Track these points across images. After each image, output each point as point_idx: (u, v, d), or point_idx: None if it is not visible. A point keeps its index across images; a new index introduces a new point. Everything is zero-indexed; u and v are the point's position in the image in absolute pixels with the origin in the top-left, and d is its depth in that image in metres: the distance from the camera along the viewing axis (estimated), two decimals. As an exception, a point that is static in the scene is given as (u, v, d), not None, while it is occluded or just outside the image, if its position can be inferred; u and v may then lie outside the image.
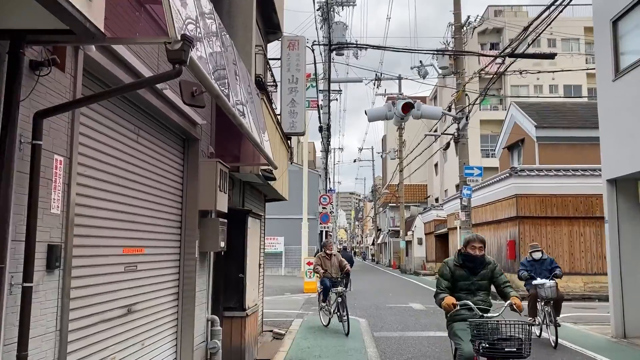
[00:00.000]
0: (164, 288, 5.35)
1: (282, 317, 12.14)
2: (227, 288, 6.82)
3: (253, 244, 7.50)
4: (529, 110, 21.74)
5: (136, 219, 4.65)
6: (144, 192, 4.85)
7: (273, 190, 9.11)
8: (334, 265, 10.83)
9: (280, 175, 8.79)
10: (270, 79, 10.67)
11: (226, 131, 6.83)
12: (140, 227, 4.74)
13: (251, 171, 6.83)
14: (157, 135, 5.19)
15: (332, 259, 10.89)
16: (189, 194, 5.94)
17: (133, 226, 4.58)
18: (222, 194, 6.21)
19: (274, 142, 7.97)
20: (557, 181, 17.67)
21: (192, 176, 5.97)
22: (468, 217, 17.91)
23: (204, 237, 6.09)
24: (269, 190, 9.24)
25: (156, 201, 5.19)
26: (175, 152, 5.77)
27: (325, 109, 21.69)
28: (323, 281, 10.75)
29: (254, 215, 7.47)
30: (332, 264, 10.84)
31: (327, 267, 10.80)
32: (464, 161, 18.12)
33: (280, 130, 8.82)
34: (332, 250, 11.01)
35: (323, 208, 21.40)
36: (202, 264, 6.24)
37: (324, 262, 10.89)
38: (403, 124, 37.05)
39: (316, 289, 20.89)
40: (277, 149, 8.49)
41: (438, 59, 18.38)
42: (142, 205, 4.80)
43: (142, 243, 4.79)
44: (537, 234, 17.72)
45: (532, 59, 13.35)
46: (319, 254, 11.20)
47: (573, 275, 17.47)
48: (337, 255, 11.09)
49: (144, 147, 4.84)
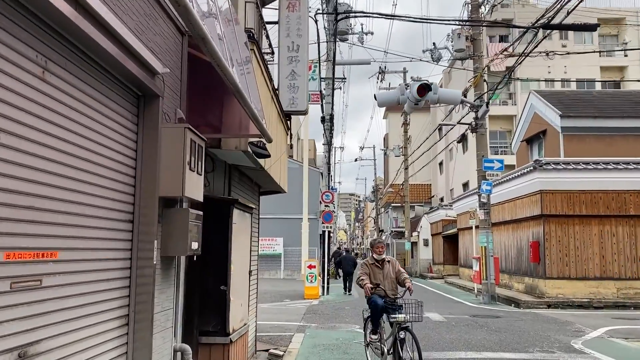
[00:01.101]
0: (98, 312, 3.57)
1: (280, 331, 10.35)
2: (204, 305, 5.04)
3: (241, 244, 5.72)
4: (551, 99, 19.97)
5: (44, 204, 2.89)
6: (65, 166, 3.10)
7: (268, 179, 7.32)
8: (388, 276, 7.01)
9: (277, 158, 7.01)
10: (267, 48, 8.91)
11: (203, 92, 5.06)
12: (52, 218, 2.98)
13: (237, 147, 5.05)
14: (91, 84, 3.44)
15: (385, 268, 7.08)
16: (145, 173, 4.16)
17: (37, 216, 2.82)
18: (195, 176, 4.44)
19: (269, 114, 6.19)
20: (586, 175, 15.89)
21: (149, 148, 4.19)
22: (487, 215, 16.20)
23: (167, 236, 4.32)
24: (264, 179, 7.46)
25: (88, 180, 3.43)
26: (124, 113, 3.99)
27: (327, 99, 19.90)
28: (373, 301, 6.89)
29: (242, 207, 5.68)
30: (385, 274, 7.02)
31: (379, 280, 7.01)
32: (483, 153, 16.36)
33: (277, 102, 7.03)
34: (383, 252, 7.13)
35: (325, 206, 19.62)
36: (166, 274, 4.46)
37: (374, 271, 7.09)
38: (409, 119, 35.36)
39: (317, 294, 19.25)
40: (274, 125, 6.72)
41: (454, 41, 16.64)
42: (61, 184, 3.05)
43: (54, 243, 3.02)
44: (564, 234, 15.95)
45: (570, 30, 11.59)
46: (365, 260, 7.43)
47: (604, 280, 15.71)
48: (392, 261, 7.23)
49: (67, 97, 3.08)
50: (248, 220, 6.10)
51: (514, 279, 18.42)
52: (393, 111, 59.13)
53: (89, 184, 3.49)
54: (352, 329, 10.73)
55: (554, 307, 15.00)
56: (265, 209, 28.84)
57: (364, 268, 7.08)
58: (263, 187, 8.51)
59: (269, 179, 7.29)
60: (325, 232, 19.80)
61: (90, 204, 3.51)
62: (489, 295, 15.95)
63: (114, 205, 3.84)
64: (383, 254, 7.10)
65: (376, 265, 7.07)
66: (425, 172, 47.05)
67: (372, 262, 7.12)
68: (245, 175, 7.06)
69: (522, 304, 15.32)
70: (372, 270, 7.05)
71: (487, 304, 15.63)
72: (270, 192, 9.13)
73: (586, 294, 15.60)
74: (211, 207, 5.11)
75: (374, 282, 6.91)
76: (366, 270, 7.06)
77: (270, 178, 7.12)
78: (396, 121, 54.65)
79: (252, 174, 6.79)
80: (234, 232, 5.29)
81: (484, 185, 15.79)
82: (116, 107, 3.90)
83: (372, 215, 74.50)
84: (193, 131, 4.37)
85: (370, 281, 6.89)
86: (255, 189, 8.25)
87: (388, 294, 6.85)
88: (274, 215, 28.47)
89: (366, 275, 6.97)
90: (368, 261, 7.19)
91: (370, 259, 7.21)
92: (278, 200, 28.18)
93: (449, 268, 30.68)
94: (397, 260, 7.48)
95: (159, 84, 4.23)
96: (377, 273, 7.01)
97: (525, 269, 17.39)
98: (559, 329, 10.93)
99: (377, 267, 7.06)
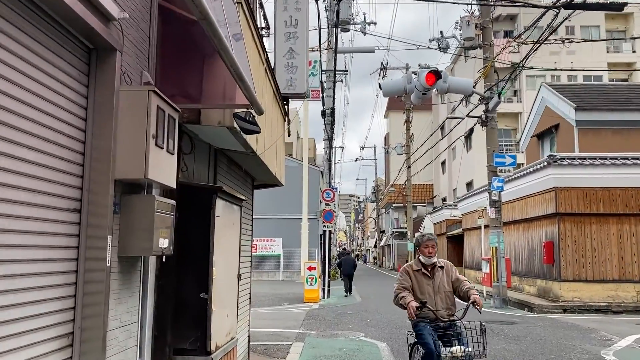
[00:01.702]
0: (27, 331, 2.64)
1: (277, 340, 9.39)
2: (179, 317, 4.08)
3: (227, 243, 4.76)
4: (564, 92, 19.01)
5: None
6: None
7: (262, 169, 6.36)
8: (441, 289, 4.88)
9: (272, 144, 6.05)
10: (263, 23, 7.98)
11: (179, 55, 4.10)
12: None
13: (220, 122, 4.10)
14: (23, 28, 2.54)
15: (436, 276, 4.93)
16: (96, 149, 3.22)
17: None
18: (164, 155, 3.49)
19: (262, 89, 5.25)
20: (603, 171, 14.93)
21: (102, 116, 3.25)
22: (498, 214, 15.25)
23: (127, 231, 3.37)
24: (256, 168, 6.49)
25: (18, 156, 2.53)
26: (68, 70, 3.05)
27: (328, 92, 18.93)
28: (419, 330, 4.77)
29: (228, 197, 4.73)
30: (437, 286, 4.88)
31: (428, 294, 4.83)
32: (494, 148, 15.41)
33: (272, 78, 6.08)
34: (434, 254, 4.96)
35: (326, 205, 18.65)
36: (127, 279, 3.51)
37: (419, 282, 4.91)
38: (411, 116, 34.41)
39: (318, 297, 18.18)
40: (269, 105, 5.77)
41: (462, 29, 15.71)
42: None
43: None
44: (580, 234, 14.99)
45: (594, 10, 10.64)
46: (406, 266, 5.15)
47: (624, 282, 14.74)
48: (447, 267, 5.03)
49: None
50: (236, 214, 5.15)
51: (525, 282, 17.46)
52: (394, 110, 58.19)
53: (19, 160, 2.57)
54: (356, 337, 9.78)
55: (570, 312, 14.05)
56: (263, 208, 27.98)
57: (404, 277, 4.88)
58: (257, 179, 7.55)
59: (263, 169, 6.33)
60: (325, 232, 18.82)
61: (21, 187, 2.59)
62: (500, 298, 14.98)
63: (54, 189, 2.90)
64: (434, 256, 4.90)
65: (423, 273, 4.87)
66: (427, 172, 46.14)
67: (417, 269, 4.90)
68: (235, 163, 6.10)
69: (535, 308, 14.36)
70: (417, 280, 4.84)
71: (499, 308, 14.66)
72: (265, 186, 8.17)
73: (604, 298, 14.64)
74: (189, 196, 4.16)
75: (420, 298, 4.71)
76: (407, 281, 4.85)
77: (264, 167, 6.16)
78: (397, 120, 53.73)
79: (243, 160, 5.82)
80: (218, 227, 4.34)
81: (494, 182, 14.84)
82: (58, 61, 2.96)
83: (372, 216, 73.56)
84: (161, 96, 3.42)
85: (414, 297, 4.73)
86: (248, 181, 7.29)
87: (440, 314, 4.68)
88: (272, 215, 27.57)
89: (407, 291, 4.78)
90: (411, 267, 4.97)
91: (415, 263, 5.00)
92: (277, 200, 27.32)
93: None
94: (451, 264, 5.10)
95: (115, 34, 3.28)
96: (424, 285, 4.83)
97: (538, 270, 16.42)
98: (583, 337, 9.98)
99: (424, 275, 4.86)
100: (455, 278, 4.94)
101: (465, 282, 4.91)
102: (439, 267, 4.95)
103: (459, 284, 4.88)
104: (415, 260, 5.07)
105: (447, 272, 4.95)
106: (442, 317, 4.71)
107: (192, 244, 4.23)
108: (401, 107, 41.80)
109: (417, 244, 5.06)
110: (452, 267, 5.09)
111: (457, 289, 4.89)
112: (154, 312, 3.97)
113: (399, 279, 4.96)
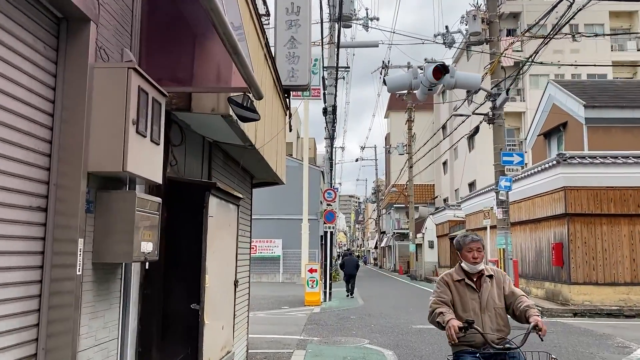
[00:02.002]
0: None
1: (278, 347, 8.89)
2: (166, 331, 3.59)
3: (222, 246, 4.27)
4: (572, 89, 18.53)
5: None
6: None
7: (261, 165, 5.87)
8: (490, 305, 3.68)
9: (272, 138, 5.56)
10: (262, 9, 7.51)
11: (167, 29, 3.61)
12: None
13: (214, 109, 3.62)
14: None
15: (483, 288, 3.72)
16: (66, 136, 2.73)
17: None
18: (147, 144, 3.00)
19: (262, 76, 4.76)
20: (614, 170, 14.44)
21: (73, 98, 2.76)
22: (506, 214, 14.71)
23: (103, 233, 2.88)
24: (255, 164, 6.00)
25: None
26: (34, 43, 2.57)
27: (329, 89, 18.43)
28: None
29: (224, 195, 4.24)
30: (485, 302, 3.68)
31: (473, 311, 3.65)
32: (501, 146, 14.92)
33: (272, 65, 5.59)
34: (481, 260, 3.73)
35: (328, 205, 18.15)
36: (103, 290, 3.02)
37: (461, 296, 3.72)
38: (413, 115, 33.94)
39: (319, 300, 17.62)
40: (269, 95, 5.28)
41: (468, 24, 15.21)
42: None
43: None
44: (591, 235, 14.50)
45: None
46: (446, 274, 3.89)
47: (636, 285, 14.26)
48: (498, 276, 3.83)
49: None
50: (233, 214, 4.66)
51: (532, 284, 16.96)
52: (395, 110, 57.68)
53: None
54: (361, 344, 9.28)
55: (581, 316, 13.55)
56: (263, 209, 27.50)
57: (442, 289, 3.72)
58: (256, 176, 7.06)
59: (262, 165, 5.83)
60: (327, 233, 18.33)
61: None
62: (507, 302, 14.47)
63: (12, 184, 2.42)
64: (481, 262, 3.72)
65: (467, 284, 3.70)
66: (428, 173, 45.70)
67: (459, 279, 3.72)
68: (232, 158, 5.61)
69: (544, 311, 13.85)
70: (459, 293, 3.69)
71: (507, 312, 14.15)
72: (264, 184, 7.68)
73: (615, 301, 14.14)
74: (178, 193, 3.68)
75: (462, 316, 3.57)
76: (446, 293, 3.69)
77: (263, 163, 5.66)
78: (398, 121, 53.22)
79: (240, 155, 5.32)
80: (211, 229, 3.85)
81: (502, 181, 14.32)
82: (20, 32, 2.48)
83: (373, 217, 73.03)
84: (143, 76, 2.93)
85: (455, 314, 3.60)
86: (247, 179, 6.80)
87: (491, 338, 3.51)
88: (272, 216, 27.10)
89: (446, 306, 3.62)
90: (451, 277, 3.77)
91: (456, 271, 3.79)
92: (277, 200, 26.84)
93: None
94: (504, 272, 3.99)
95: (89, 1, 2.79)
96: (467, 299, 3.66)
97: (546, 273, 15.93)
98: (599, 343, 9.49)
99: (468, 287, 3.69)
100: (510, 291, 3.73)
101: (522, 297, 3.71)
102: (487, 276, 3.73)
103: (514, 300, 3.67)
104: (456, 267, 3.83)
105: (498, 283, 3.75)
106: (493, 342, 3.48)
107: (183, 248, 3.74)
108: (402, 108, 41.38)
109: (458, 247, 3.84)
110: (505, 276, 3.87)
111: (511, 305, 3.67)
112: (137, 327, 3.48)
113: (435, 291, 3.77)
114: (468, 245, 3.72)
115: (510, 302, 3.69)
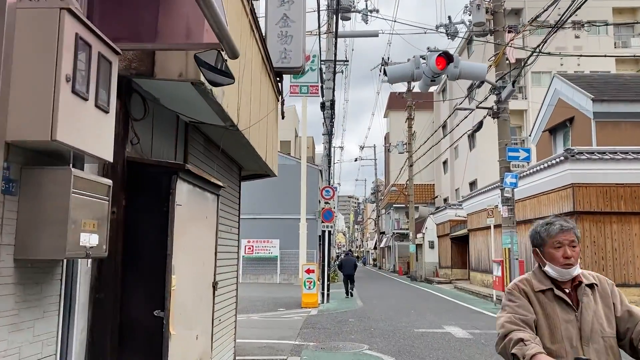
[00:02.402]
0: None
1: (270, 354, 8.26)
2: (124, 343, 2.96)
3: (196, 241, 3.64)
4: (580, 82, 17.90)
5: None
6: None
7: (247, 150, 5.22)
8: (594, 332, 2.19)
9: (260, 119, 4.92)
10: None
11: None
12: None
13: (181, 74, 2.99)
14: None
15: (584, 305, 2.23)
16: (-25, 93, 2.10)
17: None
18: (88, 108, 2.37)
19: (245, 48, 4.14)
20: (625, 167, 13.82)
21: (-16, 45, 2.12)
22: (512, 212, 14.10)
23: (31, 222, 2.25)
24: (241, 150, 5.35)
25: None
26: None
27: (327, 83, 17.79)
28: None
29: (197, 180, 3.61)
30: (586, 327, 2.20)
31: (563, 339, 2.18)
32: (506, 142, 14.29)
33: (260, 40, 4.95)
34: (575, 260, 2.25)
35: (326, 203, 17.52)
36: (33, 292, 2.39)
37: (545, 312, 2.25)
38: (413, 113, 33.33)
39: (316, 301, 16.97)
40: (256, 74, 4.66)
41: (472, 14, 14.61)
42: None
43: None
44: (600, 234, 13.89)
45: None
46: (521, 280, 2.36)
47: (647, 287, 13.62)
48: (602, 285, 2.32)
49: None
50: (211, 204, 4.03)
51: (538, 285, 16.32)
52: (394, 109, 57.07)
53: None
54: (360, 350, 8.65)
55: (591, 319, 12.93)
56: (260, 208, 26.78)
57: (520, 303, 2.28)
58: (245, 167, 6.42)
59: (249, 152, 5.20)
60: (325, 232, 17.69)
61: None
62: (513, 304, 13.84)
63: None
64: (576, 264, 2.28)
65: (557, 296, 2.27)
66: (428, 173, 45.07)
67: (545, 288, 2.29)
68: (214, 144, 4.97)
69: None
70: (544, 311, 2.26)
71: (512, 315, 13.53)
72: (255, 176, 7.04)
73: (626, 303, 13.51)
74: (140, 177, 3.05)
75: (551, 349, 2.17)
76: (527, 309, 2.26)
77: (250, 149, 5.03)
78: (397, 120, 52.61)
79: (221, 138, 4.66)
80: (181, 220, 3.22)
81: (507, 177, 13.70)
82: None
83: (372, 217, 72.37)
84: (83, 22, 2.30)
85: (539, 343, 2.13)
86: (234, 169, 6.17)
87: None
88: (269, 215, 26.47)
89: (528, 329, 2.18)
90: (530, 285, 2.33)
91: (537, 277, 2.35)
92: (274, 199, 26.23)
93: (457, 272, 28.60)
94: (610, 281, 2.39)
95: None
96: (558, 321, 2.23)
97: (553, 274, 15.30)
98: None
99: (560, 302, 2.27)
100: (625, 311, 2.28)
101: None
102: (586, 286, 2.29)
103: (632, 325, 2.24)
104: (536, 270, 2.38)
105: (604, 297, 2.31)
106: None
107: (145, 244, 3.12)
108: (401, 107, 40.79)
109: (537, 241, 2.36)
110: (613, 286, 2.37)
111: (627, 333, 2.23)
112: (87, 338, 2.85)
113: (508, 305, 2.31)
114: (555, 238, 2.28)
115: (627, 329, 2.24)
